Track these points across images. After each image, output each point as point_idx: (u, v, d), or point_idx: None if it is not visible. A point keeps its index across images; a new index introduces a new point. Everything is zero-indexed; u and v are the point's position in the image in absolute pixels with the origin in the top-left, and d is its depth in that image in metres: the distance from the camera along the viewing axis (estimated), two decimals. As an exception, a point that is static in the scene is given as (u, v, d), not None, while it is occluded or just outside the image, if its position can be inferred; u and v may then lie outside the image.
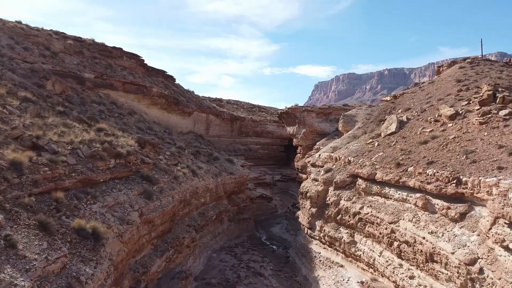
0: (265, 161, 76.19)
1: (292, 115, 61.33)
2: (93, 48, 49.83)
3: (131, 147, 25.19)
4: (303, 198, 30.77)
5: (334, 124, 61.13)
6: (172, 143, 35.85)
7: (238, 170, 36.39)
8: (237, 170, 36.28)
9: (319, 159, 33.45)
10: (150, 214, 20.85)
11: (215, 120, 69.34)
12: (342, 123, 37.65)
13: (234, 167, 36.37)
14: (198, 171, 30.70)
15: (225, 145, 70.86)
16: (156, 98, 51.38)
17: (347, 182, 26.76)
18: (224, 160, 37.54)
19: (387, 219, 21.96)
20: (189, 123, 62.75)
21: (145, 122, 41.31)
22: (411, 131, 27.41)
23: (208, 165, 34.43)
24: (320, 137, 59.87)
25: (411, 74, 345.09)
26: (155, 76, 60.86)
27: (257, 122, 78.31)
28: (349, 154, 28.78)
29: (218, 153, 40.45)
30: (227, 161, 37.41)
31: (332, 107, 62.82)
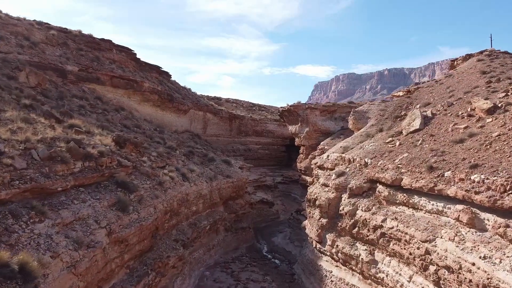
0: (265, 161, 71.66)
1: (294, 113, 56.81)
2: (79, 40, 45.28)
3: (106, 147, 20.65)
4: (311, 206, 26.25)
5: (339, 122, 56.65)
6: (162, 143, 31.34)
7: (236, 172, 31.94)
8: (235, 172, 31.83)
9: (328, 161, 28.90)
10: (122, 231, 16.33)
11: (212, 119, 64.81)
12: (353, 120, 33.11)
13: (231, 170, 31.91)
14: (189, 174, 26.20)
15: (224, 145, 66.37)
16: (148, 94, 46.85)
17: (364, 189, 22.21)
18: (220, 161, 33.07)
19: (419, 236, 17.42)
20: (185, 122, 58.22)
21: (134, 120, 36.75)
22: (440, 127, 22.89)
23: (202, 168, 29.92)
24: (324, 137, 55.37)
25: (411, 74, 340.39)
26: (149, 72, 56.30)
27: (257, 121, 73.77)
28: (365, 155, 24.24)
29: (214, 153, 35.97)
30: (223, 162, 32.95)
31: (336, 105, 58.29)
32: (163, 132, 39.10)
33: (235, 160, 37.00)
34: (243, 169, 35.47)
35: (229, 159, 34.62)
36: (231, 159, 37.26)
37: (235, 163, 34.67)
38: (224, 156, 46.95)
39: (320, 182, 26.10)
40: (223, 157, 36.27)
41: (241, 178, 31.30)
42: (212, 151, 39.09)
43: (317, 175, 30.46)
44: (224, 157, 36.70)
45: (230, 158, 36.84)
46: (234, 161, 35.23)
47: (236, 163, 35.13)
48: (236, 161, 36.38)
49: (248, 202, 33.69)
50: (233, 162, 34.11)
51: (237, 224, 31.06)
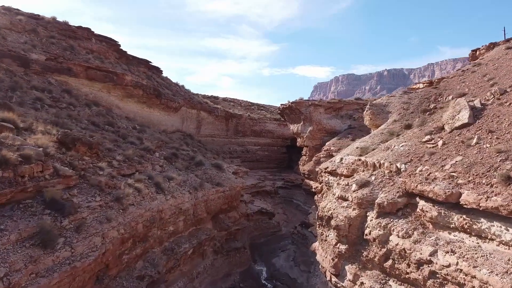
0: (264, 164, 65.43)
1: (296, 110, 50.53)
2: (51, 27, 39.03)
3: (38, 148, 14.34)
4: (324, 226, 19.88)
5: (346, 120, 50.36)
6: (137, 143, 25.06)
7: (228, 179, 25.71)
8: (227, 179, 25.60)
9: (342, 165, 22.62)
10: (35, 282, 10.03)
11: (207, 118, 58.54)
12: (370, 115, 26.77)
13: (223, 176, 25.68)
14: (165, 184, 19.95)
15: (219, 146, 60.13)
16: (130, 89, 40.56)
17: (399, 205, 15.89)
18: (210, 165, 26.79)
19: (498, 285, 11.12)
20: (176, 121, 51.95)
21: (108, 117, 30.45)
22: (500, 121, 16.59)
23: (185, 174, 23.64)
24: (330, 136, 49.09)
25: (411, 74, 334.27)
26: (136, 66, 50.06)
27: (256, 120, 67.51)
28: (396, 159, 17.92)
29: (204, 156, 29.70)
30: (214, 167, 26.70)
31: (343, 101, 52.00)
32: (145, 131, 32.77)
33: (229, 164, 30.66)
34: (238, 174, 29.23)
35: (221, 162, 28.33)
36: (224, 162, 30.95)
37: (227, 168, 28.41)
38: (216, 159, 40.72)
39: (335, 194, 19.71)
40: (214, 160, 29.95)
41: (234, 186, 25.10)
42: (202, 154, 32.79)
43: (327, 183, 24.15)
44: (216, 160, 30.36)
45: (222, 162, 30.52)
46: (227, 165, 28.95)
47: (229, 168, 28.84)
48: (229, 165, 30.06)
49: (243, 215, 27.43)
50: (225, 167, 27.86)
51: (230, 244, 24.68)
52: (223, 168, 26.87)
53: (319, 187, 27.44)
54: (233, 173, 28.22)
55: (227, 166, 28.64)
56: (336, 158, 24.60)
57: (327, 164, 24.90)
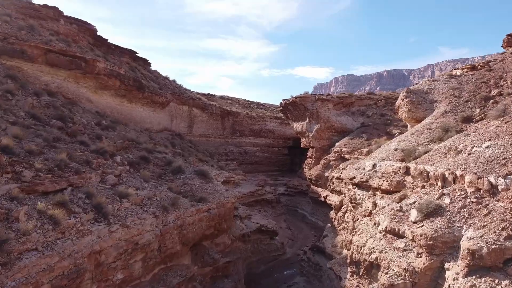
0: (264, 166, 58.13)
1: (300, 106, 43.22)
2: (9, 4, 31.75)
3: None
4: (362, 276, 12.37)
5: (358, 117, 43.02)
6: (90, 144, 17.74)
7: (216, 192, 18.37)
8: (215, 192, 18.28)
9: (377, 175, 15.34)
10: None
11: (200, 115, 51.26)
12: (409, 106, 19.42)
13: (208, 187, 18.36)
14: (113, 205, 12.66)
15: (214, 147, 52.87)
16: (104, 79, 33.21)
17: (508, 253, 8.62)
18: (192, 173, 19.49)
19: None
20: (164, 118, 44.65)
21: (62, 109, 23.19)
22: None
23: (153, 187, 16.34)
24: (340, 136, 41.79)
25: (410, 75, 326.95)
26: (118, 56, 42.74)
27: (255, 118, 60.23)
28: (484, 168, 10.68)
29: (185, 160, 22.36)
30: (197, 175, 19.36)
31: (354, 96, 44.72)
32: (113, 129, 25.47)
33: (218, 171, 23.20)
34: (231, 183, 21.89)
35: (207, 169, 20.85)
36: (212, 168, 23.57)
37: (216, 176, 21.02)
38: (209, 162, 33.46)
39: (380, 225, 12.26)
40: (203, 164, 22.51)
41: (224, 202, 17.81)
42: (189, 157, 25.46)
43: (353, 198, 16.85)
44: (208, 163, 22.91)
45: (209, 167, 23.06)
46: (216, 172, 21.58)
47: (218, 175, 21.43)
48: (219, 172, 22.58)
49: (237, 237, 20.09)
50: (213, 174, 20.51)
51: (217, 284, 17.29)
52: (210, 177, 19.53)
53: (338, 201, 20.09)
54: (225, 182, 20.97)
55: (216, 173, 21.22)
56: (365, 163, 17.25)
57: (353, 173, 17.55)
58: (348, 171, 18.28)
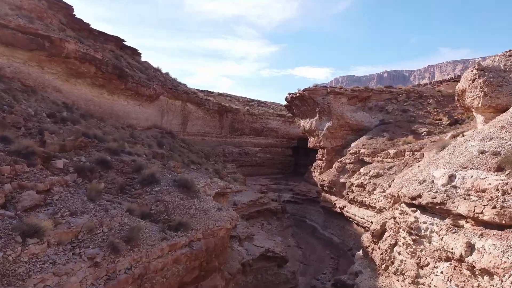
0: (266, 169, 52.01)
1: (309, 100, 37.06)
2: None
3: None
4: None
5: (376, 114, 36.78)
6: (13, 141, 11.59)
7: (204, 213, 12.33)
8: (202, 213, 12.25)
9: (460, 196, 9.19)
10: None
11: (195, 112, 45.08)
12: (485, 88, 13.29)
13: (192, 207, 12.25)
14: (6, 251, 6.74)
15: (211, 147, 46.71)
16: (75, 63, 27.03)
17: None
18: (170, 184, 13.31)
19: None
20: (153, 113, 38.48)
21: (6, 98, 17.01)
22: None
23: (102, 209, 10.24)
24: (355, 135, 35.61)
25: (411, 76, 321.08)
26: (102, 42, 36.55)
27: (256, 116, 54.07)
28: None
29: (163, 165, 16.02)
30: (177, 186, 13.17)
31: (371, 89, 38.58)
32: (78, 123, 19.35)
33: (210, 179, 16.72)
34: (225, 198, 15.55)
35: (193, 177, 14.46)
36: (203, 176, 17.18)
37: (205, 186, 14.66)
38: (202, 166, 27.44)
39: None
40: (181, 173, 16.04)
41: (215, 230, 11.74)
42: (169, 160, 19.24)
43: (414, 228, 10.71)
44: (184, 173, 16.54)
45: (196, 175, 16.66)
46: (205, 181, 15.25)
47: (208, 186, 15.05)
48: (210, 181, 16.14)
49: (235, 273, 14.02)
50: (200, 185, 14.13)
51: None
52: (196, 189, 13.30)
53: (378, 227, 13.87)
54: (218, 194, 14.87)
55: (205, 183, 14.92)
56: (432, 174, 11.04)
57: (412, 187, 11.35)
58: (401, 184, 12.12)
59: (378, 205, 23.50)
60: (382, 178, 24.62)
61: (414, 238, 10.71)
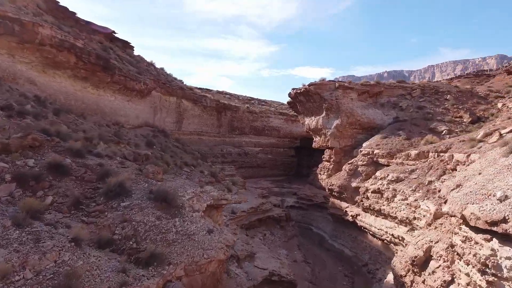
0: (267, 170, 48.56)
1: (316, 96, 33.59)
2: None
3: None
4: None
5: (390, 110, 33.28)
6: None
7: (187, 239, 9.02)
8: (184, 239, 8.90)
9: None
10: None
11: (192, 109, 41.63)
12: None
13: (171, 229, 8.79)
14: None
15: (209, 146, 43.31)
16: (51, 52, 23.59)
17: None
18: (143, 197, 9.86)
19: None
20: (144, 110, 35.04)
21: None
22: None
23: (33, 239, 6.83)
24: (366, 133, 32.11)
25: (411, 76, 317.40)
26: (89, 33, 33.14)
27: (257, 114, 50.62)
28: None
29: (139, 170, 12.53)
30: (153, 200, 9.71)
31: (382, 84, 35.06)
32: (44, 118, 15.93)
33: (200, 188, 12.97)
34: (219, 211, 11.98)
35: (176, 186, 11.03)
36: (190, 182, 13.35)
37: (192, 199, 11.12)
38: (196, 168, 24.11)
39: None
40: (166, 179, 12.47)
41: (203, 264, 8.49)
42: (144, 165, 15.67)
43: (495, 267, 7.04)
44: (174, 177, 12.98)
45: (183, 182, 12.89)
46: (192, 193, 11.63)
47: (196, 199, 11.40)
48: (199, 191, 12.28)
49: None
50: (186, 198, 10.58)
51: None
52: (179, 203, 9.67)
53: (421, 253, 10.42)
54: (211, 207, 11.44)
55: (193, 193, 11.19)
56: (503, 187, 7.43)
57: (493, 208, 7.83)
58: (463, 200, 8.70)
59: (399, 215, 20.06)
60: (403, 183, 21.18)
61: (491, 280, 7.32)
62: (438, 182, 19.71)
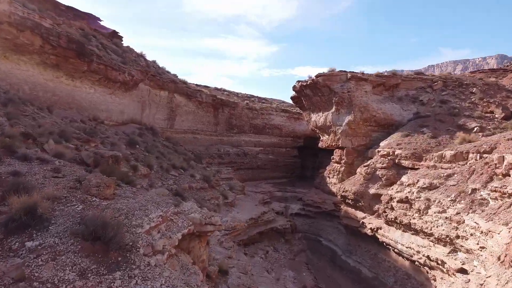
0: (269, 172, 44.43)
1: (324, 89, 29.44)
2: None
3: None
4: None
5: (409, 105, 29.09)
6: None
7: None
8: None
9: None
10: None
11: (185, 105, 37.46)
12: None
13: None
14: None
15: (205, 146, 39.18)
16: (10, 32, 19.50)
17: None
18: (66, 233, 5.93)
19: None
20: (130, 105, 30.88)
21: None
22: None
23: None
24: (382, 131, 27.98)
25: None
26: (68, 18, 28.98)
27: (257, 111, 46.48)
28: None
29: (82, 181, 8.48)
30: (81, 240, 5.86)
31: (399, 75, 30.83)
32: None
33: (172, 208, 8.48)
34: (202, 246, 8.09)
35: (128, 210, 7.13)
36: (156, 205, 9.13)
37: (155, 229, 7.21)
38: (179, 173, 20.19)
39: None
40: (120, 196, 8.35)
41: None
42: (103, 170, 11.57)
43: None
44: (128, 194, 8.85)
45: (143, 203, 8.35)
46: (158, 216, 7.63)
47: (167, 226, 7.70)
48: (172, 215, 7.99)
49: None
50: (142, 230, 6.84)
51: None
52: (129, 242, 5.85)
53: None
54: (189, 236, 7.42)
55: (159, 219, 6.90)
56: None
57: None
58: None
59: (436, 231, 15.95)
60: (438, 191, 17.07)
61: None
62: (485, 190, 15.64)
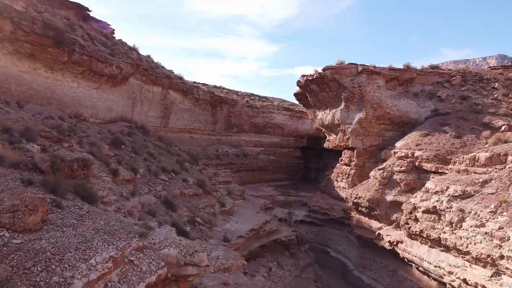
0: (270, 174, 41.78)
1: (332, 83, 26.73)
2: None
3: None
4: None
5: (426, 101, 26.04)
6: None
7: None
8: None
9: None
10: None
11: (181, 102, 34.78)
12: None
13: None
14: None
15: (202, 146, 36.53)
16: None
17: None
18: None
19: None
20: (119, 102, 28.16)
21: None
22: None
23: None
24: (397, 131, 25.16)
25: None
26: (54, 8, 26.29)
27: (258, 109, 43.78)
28: None
29: None
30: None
31: (414, 69, 28.10)
32: None
33: (135, 241, 6.09)
34: None
35: (40, 259, 4.95)
36: (104, 242, 6.50)
37: (100, 277, 5.18)
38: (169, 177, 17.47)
39: None
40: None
41: None
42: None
43: None
44: None
45: (72, 241, 6.15)
46: (103, 260, 5.48)
47: (123, 274, 5.67)
48: (132, 252, 5.78)
49: None
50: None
51: None
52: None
53: None
54: (163, 281, 5.10)
55: (103, 266, 4.93)
56: None
57: None
58: None
59: (473, 249, 13.25)
60: (473, 200, 14.37)
61: None
62: (533, 200, 12.96)
